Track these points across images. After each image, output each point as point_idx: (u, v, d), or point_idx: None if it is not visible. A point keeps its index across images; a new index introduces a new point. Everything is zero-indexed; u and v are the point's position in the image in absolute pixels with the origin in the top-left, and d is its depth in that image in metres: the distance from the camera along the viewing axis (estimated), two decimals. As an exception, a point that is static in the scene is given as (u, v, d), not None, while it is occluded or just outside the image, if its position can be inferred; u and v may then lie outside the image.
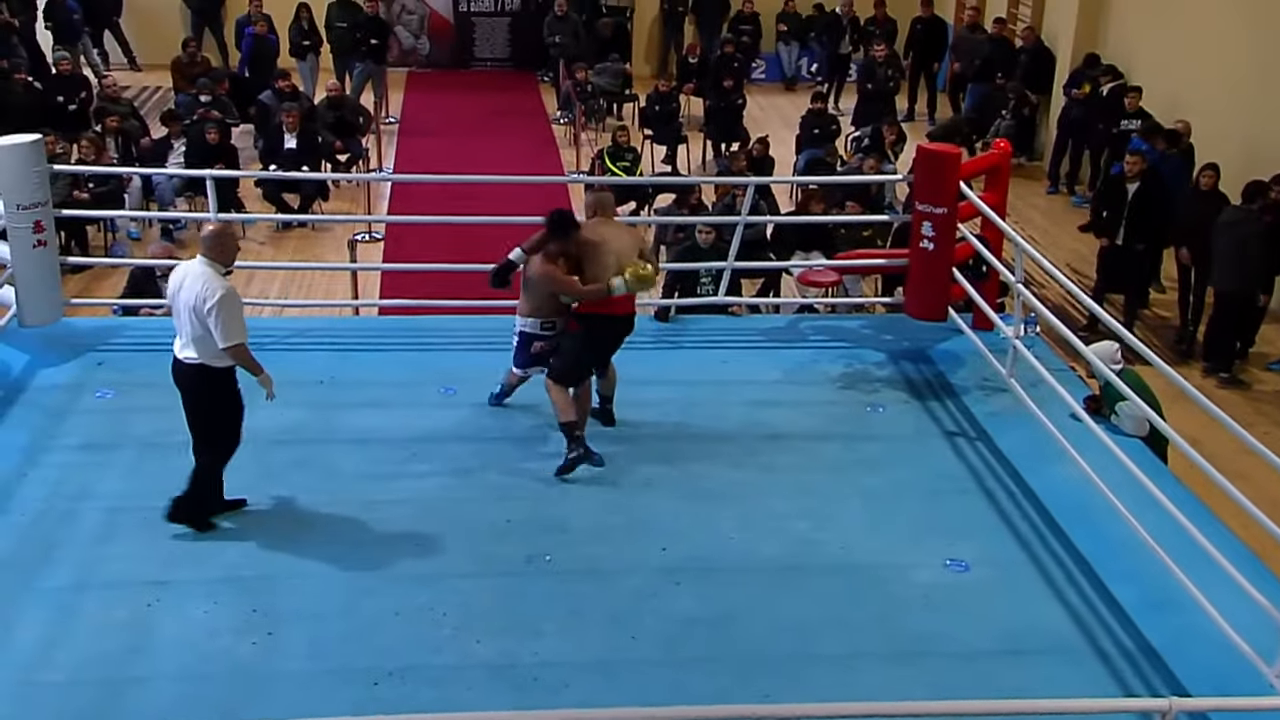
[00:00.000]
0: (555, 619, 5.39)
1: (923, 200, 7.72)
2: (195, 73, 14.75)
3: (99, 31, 17.43)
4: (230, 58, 17.03)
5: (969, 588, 5.72)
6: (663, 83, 15.26)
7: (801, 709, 4.41)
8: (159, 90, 16.87)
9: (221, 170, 11.02)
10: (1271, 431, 9.34)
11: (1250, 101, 11.57)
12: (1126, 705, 4.70)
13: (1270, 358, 10.63)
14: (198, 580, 5.55)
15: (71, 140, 12.03)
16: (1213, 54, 12.40)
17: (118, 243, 11.99)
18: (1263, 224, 10.11)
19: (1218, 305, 10.48)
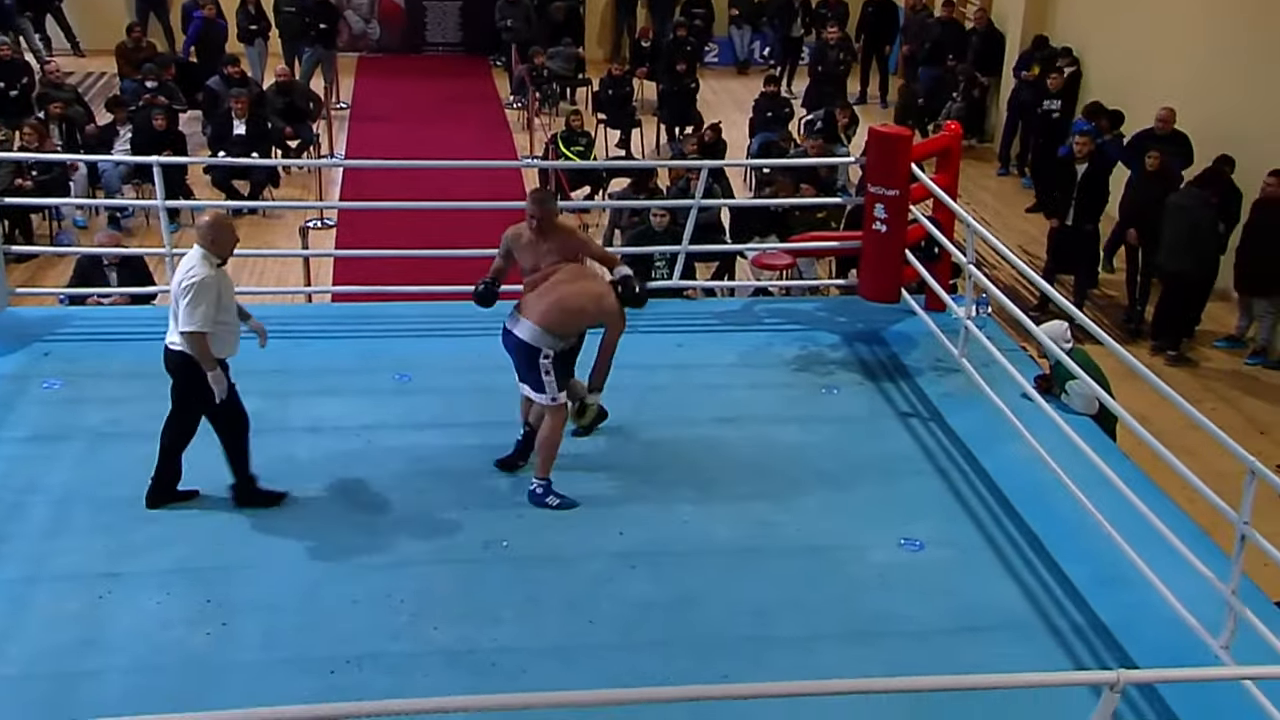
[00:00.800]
0: (513, 605, 5.39)
1: (875, 183, 7.76)
2: (140, 58, 14.57)
3: (40, 16, 17.13)
4: (177, 43, 16.80)
5: (924, 567, 5.76)
6: (616, 67, 15.26)
7: (760, 688, 4.44)
8: (103, 76, 16.63)
9: (169, 157, 10.88)
10: (1218, 408, 9.51)
11: (1202, 84, 11.69)
12: (1076, 678, 4.76)
13: (1217, 335, 10.80)
14: (150, 571, 5.49)
15: (14, 127, 11.83)
16: (1164, 35, 12.53)
17: (63, 231, 11.83)
18: (1211, 207, 10.26)
19: (1166, 285, 10.63)
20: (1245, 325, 10.69)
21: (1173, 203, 10.38)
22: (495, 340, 6.13)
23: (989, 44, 15.45)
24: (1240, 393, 9.96)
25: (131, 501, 5.97)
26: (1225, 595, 4.80)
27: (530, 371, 5.94)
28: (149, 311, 8.53)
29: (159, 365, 7.19)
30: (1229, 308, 10.89)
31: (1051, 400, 6.70)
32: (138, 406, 6.80)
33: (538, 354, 5.90)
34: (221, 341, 5.81)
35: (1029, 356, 7.73)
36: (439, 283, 8.07)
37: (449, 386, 7.09)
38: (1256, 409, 9.72)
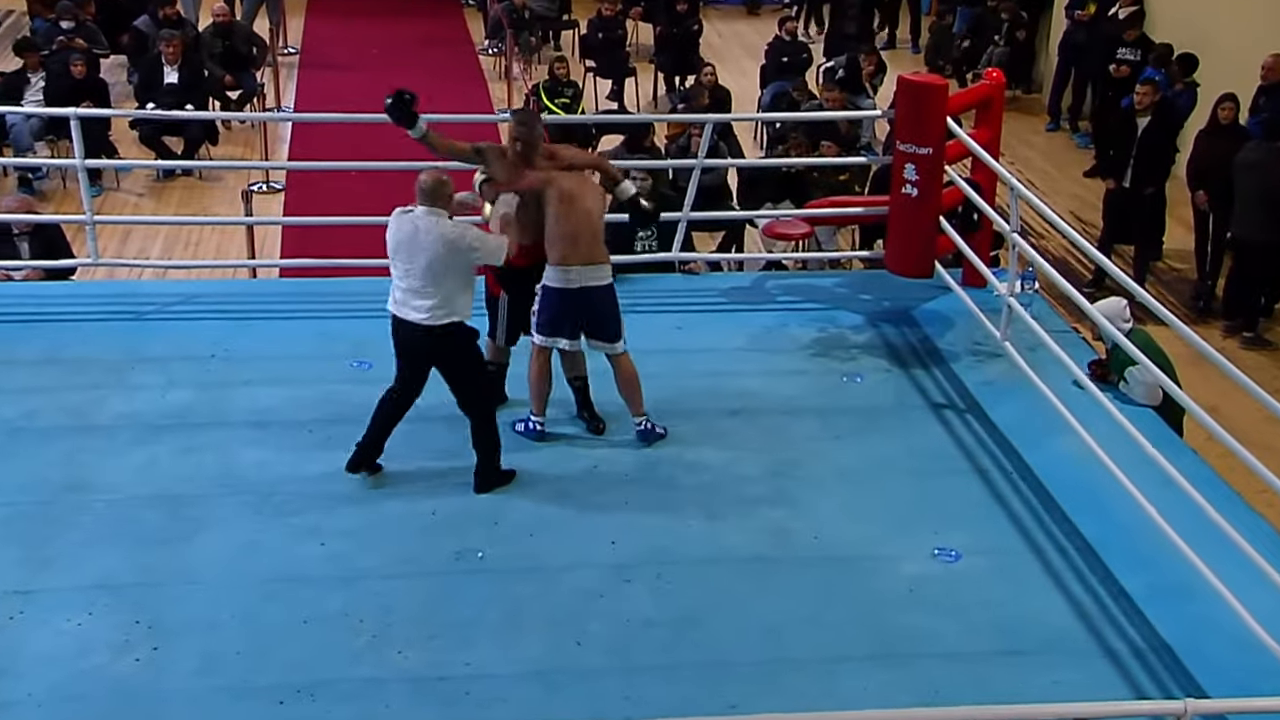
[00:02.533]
0: (489, 624, 5.39)
1: (905, 140, 7.76)
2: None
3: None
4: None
5: (960, 579, 5.78)
6: (607, 6, 15.22)
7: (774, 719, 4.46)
8: (10, 15, 16.57)
9: (89, 109, 10.85)
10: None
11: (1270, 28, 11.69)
12: (1138, 709, 4.77)
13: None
14: (69, 588, 5.49)
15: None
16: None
17: (-34, 195, 11.80)
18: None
19: (1240, 256, 10.64)
20: (1332, 302, 10.72)
21: (1242, 160, 10.37)
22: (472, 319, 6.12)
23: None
24: (1326, 380, 9.99)
25: (46, 508, 5.98)
26: (1307, 611, 4.83)
27: (613, 320, 6.53)
28: (66, 289, 8.54)
29: (79, 350, 7.25)
30: (1312, 282, 10.91)
31: (1108, 389, 6.72)
32: (54, 399, 6.82)
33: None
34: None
35: (1082, 339, 7.76)
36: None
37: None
38: (1344, 399, 9.73)
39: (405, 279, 5.99)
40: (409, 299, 5.99)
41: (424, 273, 5.93)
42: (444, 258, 5.92)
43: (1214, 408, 5.86)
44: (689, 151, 9.99)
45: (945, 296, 8.00)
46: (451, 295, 5.98)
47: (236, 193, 11.14)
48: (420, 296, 5.95)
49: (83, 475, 6.23)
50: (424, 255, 5.92)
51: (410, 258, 5.95)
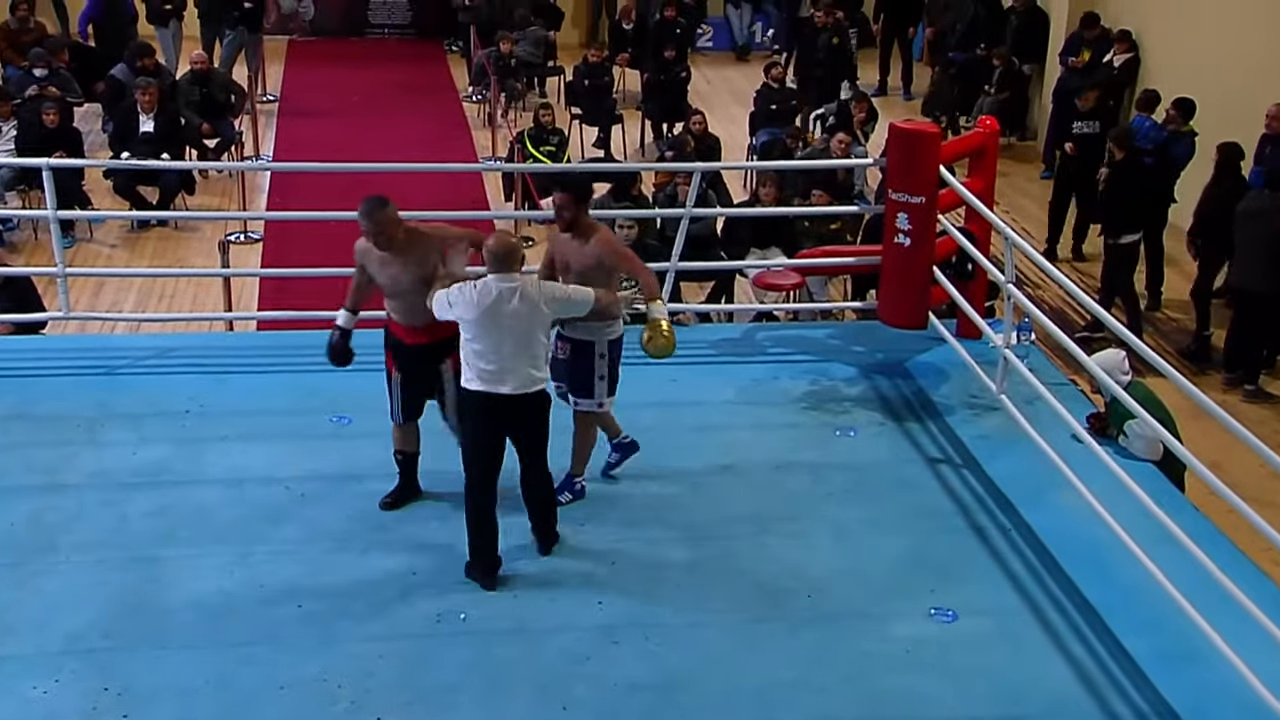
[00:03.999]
0: (472, 689, 5.36)
1: (897, 188, 7.81)
2: (27, 41, 14.56)
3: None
4: (71, 24, 16.83)
5: (957, 641, 5.76)
6: (593, 52, 15.34)
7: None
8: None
9: (62, 158, 10.88)
10: (1304, 452, 9.53)
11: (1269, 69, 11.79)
12: (1142, 776, 4.77)
13: (1302, 367, 10.87)
14: (36, 654, 5.44)
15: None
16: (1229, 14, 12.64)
17: (-65, 246, 11.80)
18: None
19: (1240, 307, 10.69)
20: (1332, 354, 10.76)
21: (1244, 209, 10.45)
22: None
23: (1031, 25, 15.59)
24: (1329, 433, 10.02)
25: (12, 568, 5.94)
26: (1313, 673, 4.82)
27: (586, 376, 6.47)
28: (36, 343, 8.53)
29: (49, 406, 7.23)
30: (1314, 333, 10.96)
31: (1107, 444, 6.73)
32: (23, 455, 6.81)
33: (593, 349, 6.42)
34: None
35: (1080, 392, 7.76)
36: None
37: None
38: (1348, 453, 9.76)
39: (496, 352, 5.76)
40: (500, 371, 5.77)
41: (513, 342, 5.77)
42: (533, 320, 5.80)
43: (1216, 463, 5.86)
44: (677, 200, 10.04)
45: (939, 348, 8.02)
46: (542, 356, 5.90)
47: (213, 243, 11.15)
48: (517, 365, 5.78)
49: (50, 536, 6.19)
50: (517, 322, 5.77)
51: (498, 328, 5.75)
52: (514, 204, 12.83)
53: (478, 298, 5.77)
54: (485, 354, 5.78)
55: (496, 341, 5.76)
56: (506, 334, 5.76)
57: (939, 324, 7.98)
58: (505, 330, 5.75)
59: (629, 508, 6.56)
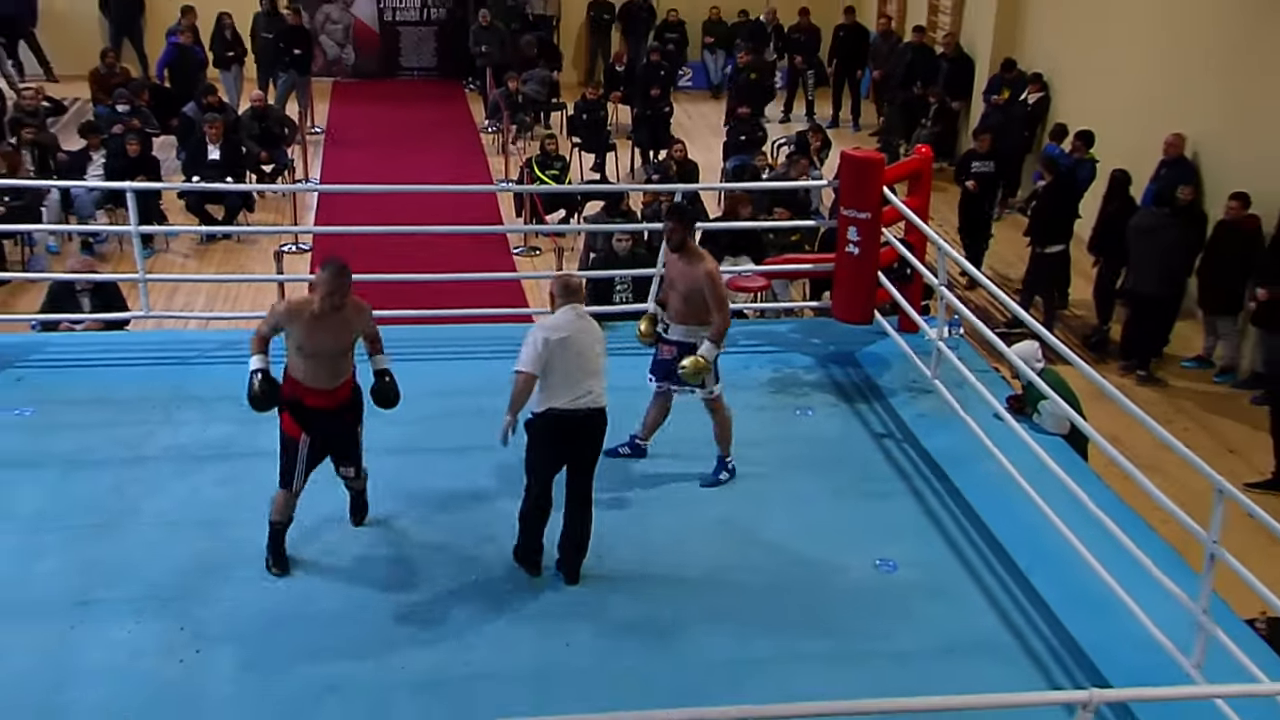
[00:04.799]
0: (485, 631, 5.35)
1: (848, 206, 7.80)
2: (114, 83, 14.50)
3: (13, 42, 17.05)
4: (150, 69, 16.75)
5: (899, 588, 5.77)
6: (590, 90, 15.28)
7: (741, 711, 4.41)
8: (76, 102, 16.54)
9: (143, 182, 10.83)
10: (1188, 427, 9.56)
11: (1170, 107, 11.80)
12: (1050, 698, 4.76)
13: (1185, 355, 10.88)
14: (120, 599, 5.43)
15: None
16: (1130, 59, 12.64)
17: (36, 257, 11.74)
18: (1176, 229, 10.35)
19: (1135, 306, 10.70)
20: (1211, 345, 10.77)
21: (1137, 224, 10.45)
22: (467, 364, 6.09)
23: (958, 68, 15.57)
24: (1209, 412, 10.02)
25: (101, 529, 5.92)
26: (1196, 615, 4.82)
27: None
28: (121, 337, 8.50)
29: (131, 391, 7.20)
30: (1196, 327, 10.97)
31: (1024, 421, 6.73)
32: (109, 433, 6.78)
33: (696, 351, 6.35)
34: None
35: (1001, 377, 7.76)
36: (413, 307, 8.05)
37: (425, 411, 7.04)
38: (1225, 428, 9.78)
39: (583, 374, 5.51)
40: (587, 394, 5.52)
41: (597, 363, 5.57)
42: (601, 344, 5.64)
43: (1114, 437, 5.87)
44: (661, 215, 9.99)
45: (883, 341, 8.01)
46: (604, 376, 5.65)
47: (269, 253, 11.12)
48: (596, 386, 5.56)
49: (133, 501, 6.18)
50: (598, 347, 5.60)
51: (586, 354, 5.53)
52: (523, 219, 12.79)
53: (567, 332, 5.49)
54: (568, 377, 5.47)
55: (577, 365, 5.49)
56: (584, 357, 5.51)
57: (883, 320, 7.97)
58: (584, 354, 5.51)
59: (624, 475, 6.53)
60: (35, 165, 12.35)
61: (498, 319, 8.83)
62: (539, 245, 12.63)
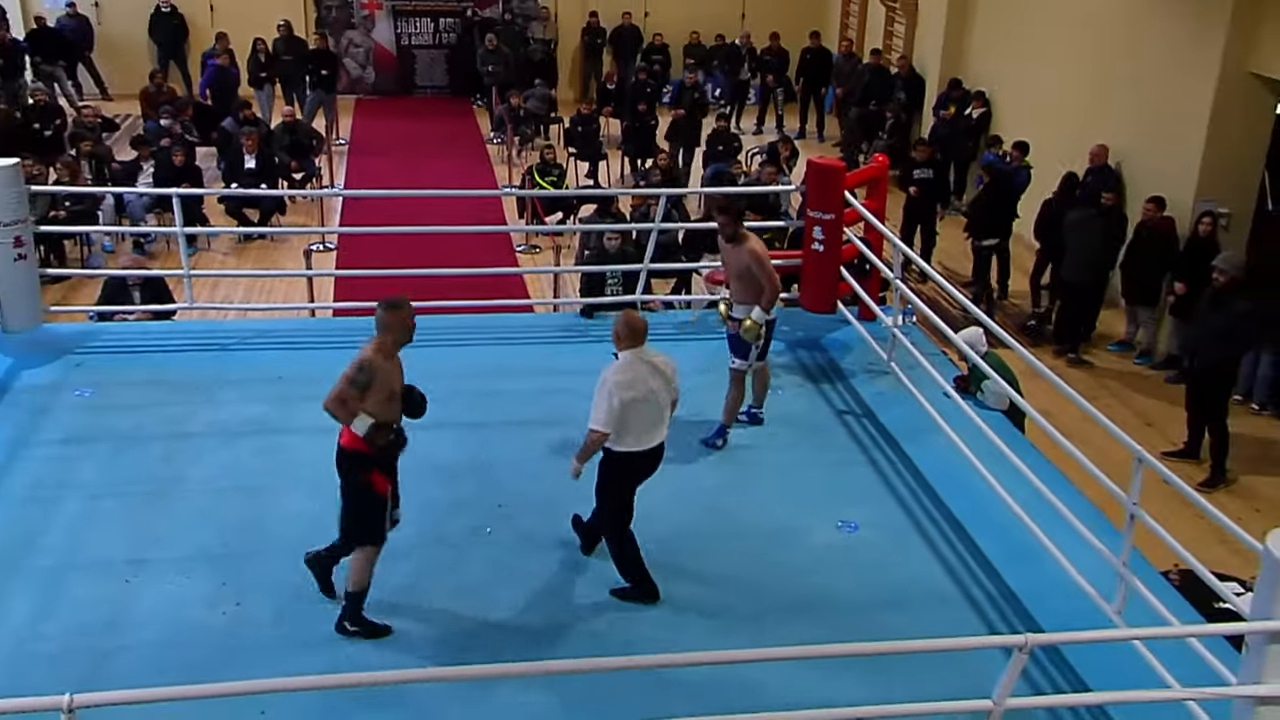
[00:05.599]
0: (497, 585, 5.36)
1: (813, 208, 7.80)
2: (162, 101, 14.42)
3: (72, 64, 16.92)
4: (194, 88, 16.66)
5: (859, 547, 5.79)
6: (584, 106, 15.22)
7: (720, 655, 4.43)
8: (129, 118, 16.44)
9: (187, 189, 10.77)
10: (1111, 403, 9.61)
11: (1089, 120, 11.82)
12: (989, 642, 4.77)
13: (1110, 340, 10.92)
14: (171, 558, 5.44)
15: (48, 164, 11.68)
16: (1060, 77, 12.65)
17: (93, 255, 11.69)
18: (1100, 225, 10.39)
19: (1066, 294, 10.73)
20: (1133, 331, 10.82)
21: (1070, 221, 10.48)
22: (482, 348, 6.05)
23: (911, 86, 15.55)
24: (1130, 390, 10.07)
25: (152, 496, 5.91)
26: (1117, 567, 4.85)
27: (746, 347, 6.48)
28: (169, 326, 8.47)
29: (178, 374, 7.19)
30: (1120, 316, 11.01)
31: (969, 398, 6.75)
32: (159, 411, 6.76)
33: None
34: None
35: (949, 360, 7.78)
36: (428, 299, 8.01)
37: (437, 391, 7.00)
38: (1143, 404, 9.84)
39: (651, 423, 5.18)
40: (658, 428, 5.23)
41: (664, 412, 5.25)
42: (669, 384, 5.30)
43: (1048, 412, 5.89)
44: (648, 217, 9.98)
45: (845, 328, 8.02)
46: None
47: (299, 252, 11.09)
48: (661, 431, 5.26)
49: (180, 470, 6.17)
50: (664, 395, 5.23)
51: (654, 405, 5.18)
52: (525, 220, 12.76)
53: (632, 383, 5.10)
54: (639, 428, 5.15)
55: (647, 417, 5.16)
56: (654, 408, 5.18)
57: (845, 310, 7.97)
58: (653, 406, 5.17)
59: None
60: (92, 174, 12.30)
61: (503, 309, 8.80)
62: (539, 244, 12.60)
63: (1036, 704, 4.43)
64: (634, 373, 5.15)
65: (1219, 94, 9.99)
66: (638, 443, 5.19)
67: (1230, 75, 9.95)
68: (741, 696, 4.30)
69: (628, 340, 5.23)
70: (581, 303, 8.60)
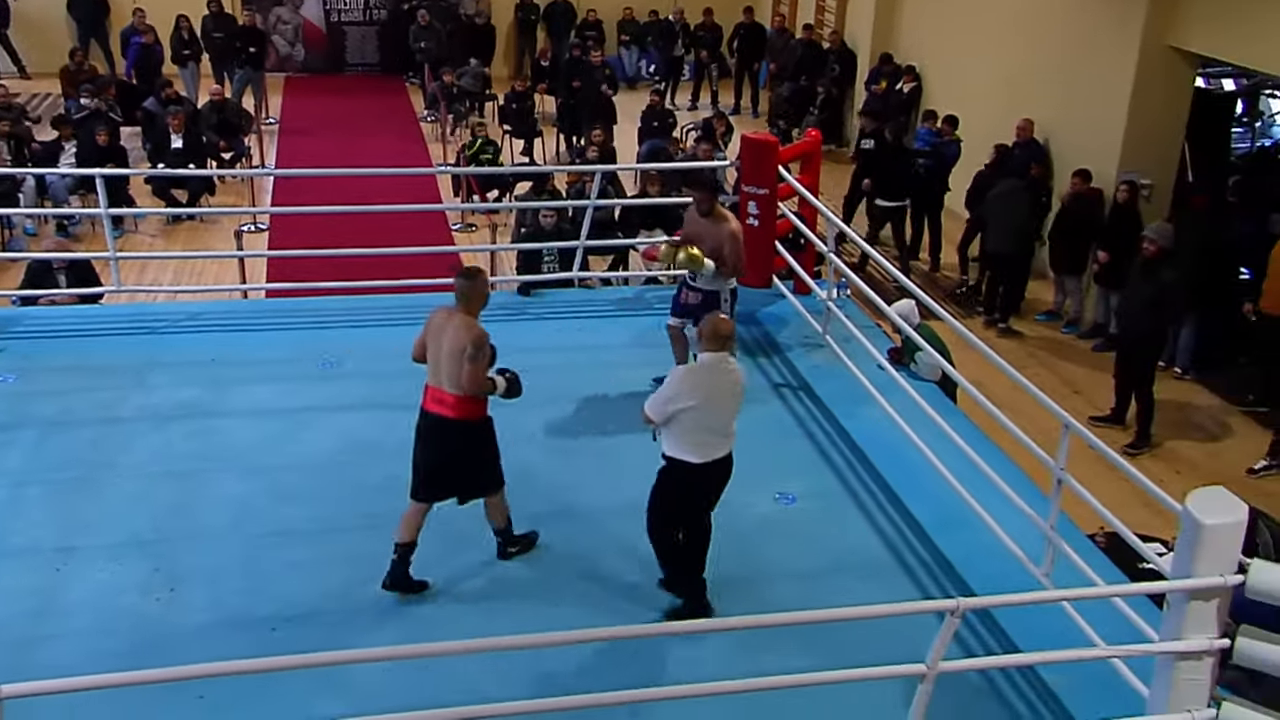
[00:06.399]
0: (436, 563, 5.31)
1: (748, 183, 7.80)
2: (82, 79, 14.02)
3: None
4: (116, 65, 16.23)
5: (797, 517, 5.84)
6: (519, 83, 15.09)
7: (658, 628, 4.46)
8: (49, 97, 15.98)
9: (112, 169, 10.50)
10: (1040, 372, 9.80)
11: (1016, 95, 11.98)
12: (922, 607, 4.82)
13: (1038, 310, 11.12)
14: (101, 545, 5.33)
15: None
16: (987, 53, 12.80)
17: (14, 238, 11.36)
18: (1025, 197, 10.56)
19: (994, 265, 10.89)
20: (1060, 300, 11.03)
21: (995, 192, 10.64)
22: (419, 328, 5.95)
23: (843, 61, 15.63)
24: (1058, 358, 10.28)
25: (81, 482, 5.79)
26: (1046, 531, 4.95)
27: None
28: (96, 310, 8.27)
29: (106, 358, 7.03)
30: (1048, 286, 11.21)
31: (902, 369, 6.83)
32: (87, 397, 6.61)
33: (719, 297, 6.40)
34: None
35: (883, 332, 7.86)
36: (363, 278, 7.95)
37: (374, 371, 6.98)
38: (1071, 372, 10.04)
39: (709, 433, 4.91)
40: (716, 441, 4.93)
41: (728, 424, 4.96)
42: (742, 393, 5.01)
43: (979, 381, 5.98)
44: (584, 194, 9.94)
45: (781, 301, 8.06)
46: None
47: (230, 233, 10.88)
48: (721, 443, 4.96)
49: (110, 456, 6.05)
50: (732, 405, 4.95)
51: (716, 415, 4.91)
52: (460, 198, 12.65)
53: (694, 390, 4.87)
54: (695, 436, 4.90)
55: (704, 426, 4.89)
56: (714, 418, 4.91)
57: (780, 284, 8.01)
58: (714, 415, 4.91)
59: (552, 424, 6.52)
60: (11, 155, 11.93)
61: (440, 288, 8.66)
62: (475, 222, 12.50)
63: (969, 666, 4.51)
64: (702, 378, 4.92)
65: (1140, 68, 10.19)
66: (693, 455, 4.91)
67: (1150, 49, 10.14)
68: (679, 669, 4.33)
69: (710, 343, 5.00)
70: (519, 280, 8.55)
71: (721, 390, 4.91)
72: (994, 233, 10.62)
